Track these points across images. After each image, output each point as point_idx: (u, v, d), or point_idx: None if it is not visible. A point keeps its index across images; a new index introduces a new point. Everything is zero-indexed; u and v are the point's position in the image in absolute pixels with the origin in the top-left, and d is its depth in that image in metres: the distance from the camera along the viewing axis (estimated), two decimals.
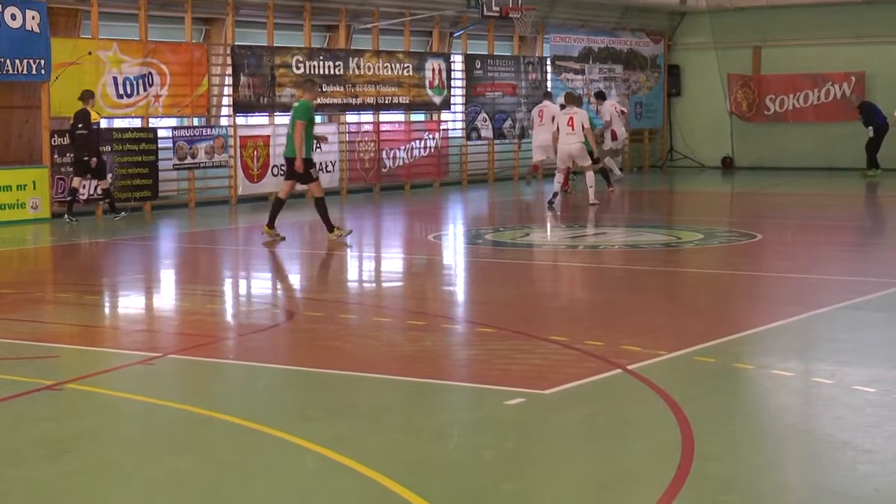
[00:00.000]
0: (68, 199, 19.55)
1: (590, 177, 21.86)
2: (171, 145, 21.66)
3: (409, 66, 25.90)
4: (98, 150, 19.57)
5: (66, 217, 19.33)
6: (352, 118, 25.54)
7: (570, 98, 22.04)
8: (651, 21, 32.95)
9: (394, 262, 16.05)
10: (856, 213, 21.97)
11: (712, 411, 7.58)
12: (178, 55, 21.68)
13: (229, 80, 22.74)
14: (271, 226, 16.55)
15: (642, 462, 6.62)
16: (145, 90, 21.06)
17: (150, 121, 21.55)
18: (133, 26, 21.52)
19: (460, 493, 6.13)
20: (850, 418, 7.38)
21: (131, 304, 12.64)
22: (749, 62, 32.55)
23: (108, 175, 20.15)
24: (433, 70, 26.50)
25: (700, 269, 14.53)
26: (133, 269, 15.09)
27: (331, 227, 16.47)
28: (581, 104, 22.47)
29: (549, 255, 16.11)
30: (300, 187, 17.29)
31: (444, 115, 27.29)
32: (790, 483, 6.40)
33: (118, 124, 21.25)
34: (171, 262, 16.40)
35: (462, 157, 27.88)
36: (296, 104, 16.64)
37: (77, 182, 19.59)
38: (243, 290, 13.75)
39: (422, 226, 20.39)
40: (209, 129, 22.34)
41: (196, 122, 22.48)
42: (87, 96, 19.43)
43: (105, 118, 20.82)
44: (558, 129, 21.52)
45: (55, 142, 19.82)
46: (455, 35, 27.59)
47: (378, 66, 25.18)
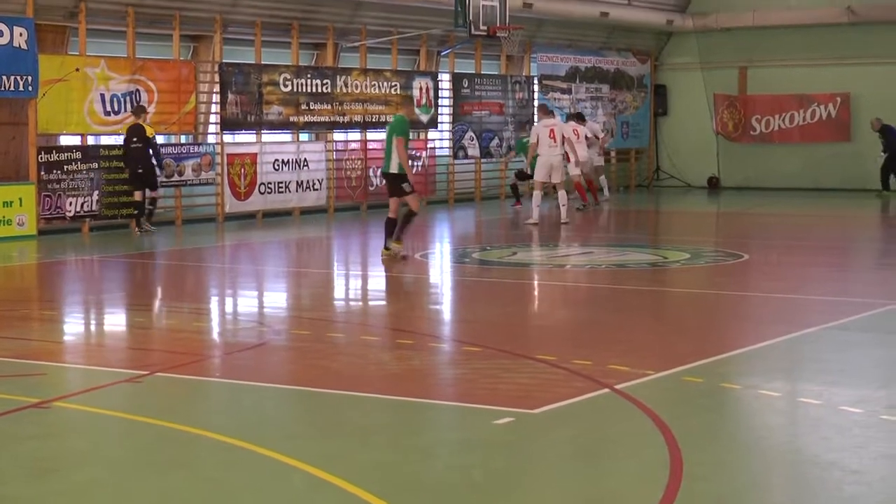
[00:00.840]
0: (135, 213, 20.54)
1: (562, 195, 21.96)
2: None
3: (396, 85, 25.93)
4: (151, 163, 20.44)
5: (139, 229, 20.40)
6: (339, 136, 25.54)
7: (544, 109, 22.79)
8: (638, 41, 33.07)
9: (381, 280, 16.04)
10: (842, 233, 22.03)
11: (700, 431, 7.59)
12: (166, 72, 21.68)
13: (217, 98, 22.74)
14: (398, 240, 16.51)
15: (630, 482, 6.62)
16: (133, 107, 21.03)
17: None
18: (121, 43, 21.52)
19: None
20: (837, 439, 7.40)
21: (118, 321, 12.61)
22: (735, 83, 32.68)
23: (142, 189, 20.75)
24: (420, 88, 26.54)
25: (687, 288, 14.55)
26: (120, 287, 15.06)
27: (389, 243, 16.40)
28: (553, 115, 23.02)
29: (537, 274, 16.12)
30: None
31: (432, 134, 27.32)
32: (777, 503, 6.41)
33: (105, 141, 21.21)
34: (158, 279, 16.36)
35: (449, 175, 27.91)
36: (392, 119, 16.53)
37: (139, 195, 20.49)
38: (230, 307, 13.73)
39: (409, 244, 20.37)
40: (196, 147, 22.33)
41: (183, 139, 22.46)
42: (139, 111, 20.46)
43: (92, 135, 20.81)
44: (538, 141, 21.68)
45: (42, 158, 19.79)
46: (442, 54, 27.64)
47: (365, 85, 25.21)
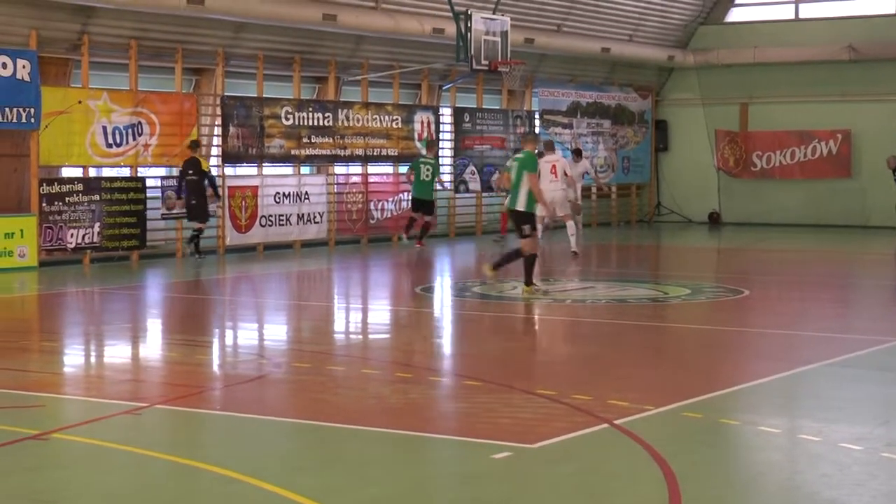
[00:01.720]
0: (195, 235, 21.37)
1: (570, 226, 22.28)
2: (160, 195, 21.68)
3: (397, 119, 26.02)
4: (204, 196, 21.27)
5: (195, 255, 21.26)
6: (340, 169, 25.61)
7: (550, 146, 22.83)
8: (639, 77, 33.20)
9: (381, 314, 16.04)
10: (843, 270, 22.04)
11: (699, 467, 7.58)
12: (168, 105, 21.75)
13: (218, 131, 22.81)
14: (495, 268, 16.57)
15: None
16: (134, 139, 21.11)
17: (139, 170, 21.57)
18: (123, 76, 21.60)
19: None
20: (837, 476, 7.38)
21: (118, 353, 12.60)
22: (736, 118, 32.78)
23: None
24: (422, 122, 26.62)
25: (687, 324, 14.54)
26: (120, 319, 15.06)
27: (529, 282, 16.23)
28: (555, 150, 23.23)
29: (537, 308, 16.11)
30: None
31: None
32: None
33: (107, 173, 21.25)
34: (158, 311, 16.37)
35: (450, 209, 27.95)
36: (520, 156, 16.28)
37: (199, 225, 21.40)
38: (230, 340, 13.72)
39: (409, 278, 20.40)
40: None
41: None
42: (195, 146, 21.39)
43: (94, 167, 20.87)
44: (539, 177, 21.68)
45: (44, 190, 19.83)
46: (444, 88, 27.74)
47: (367, 118, 25.29)
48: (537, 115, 30.13)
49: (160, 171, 22.28)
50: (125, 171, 21.44)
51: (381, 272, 21.44)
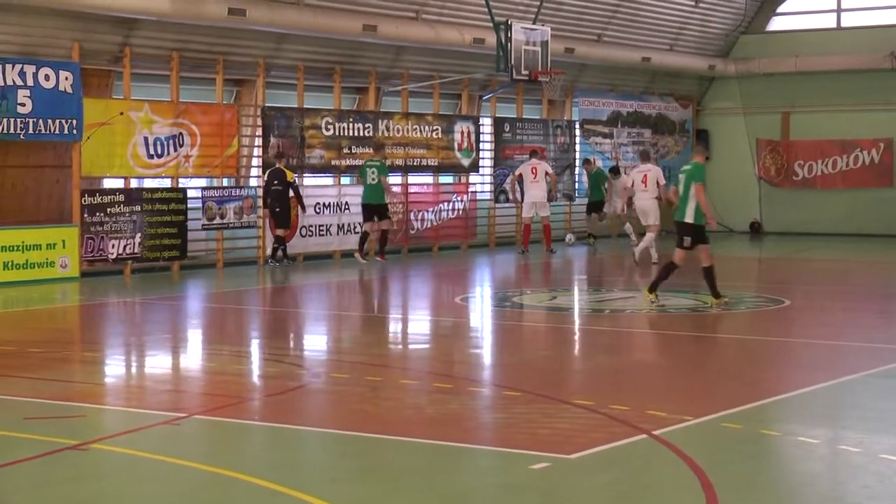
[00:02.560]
0: (276, 246, 22.23)
1: (649, 237, 22.83)
2: (201, 205, 21.79)
3: (437, 129, 26.04)
4: (288, 205, 22.12)
5: (274, 262, 22.08)
6: None
7: (645, 156, 23.74)
8: (680, 86, 33.08)
9: (421, 324, 16.04)
10: (885, 280, 21.85)
11: (738, 478, 7.53)
12: (209, 116, 21.87)
13: (259, 141, 22.90)
14: (653, 289, 16.06)
15: None
16: (175, 150, 21.23)
17: (180, 181, 21.69)
18: (165, 87, 21.74)
19: None
20: (878, 487, 7.32)
21: (157, 363, 12.66)
22: (778, 127, 32.59)
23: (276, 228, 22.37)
24: (462, 132, 26.64)
25: (727, 334, 14.46)
26: (160, 329, 15.13)
27: (717, 294, 15.95)
28: (650, 160, 23.97)
29: (576, 318, 16.07)
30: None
31: (473, 178, 27.38)
32: None
33: (148, 184, 21.38)
34: (198, 321, 16.44)
35: (490, 219, 27.94)
36: (688, 167, 15.93)
37: (282, 232, 22.25)
38: (270, 350, 13.75)
39: (449, 288, 20.40)
40: (238, 190, 22.47)
41: (225, 182, 22.62)
42: (280, 157, 22.31)
43: (135, 178, 21.01)
44: (633, 186, 22.74)
45: (85, 201, 19.97)
46: (484, 98, 27.74)
47: (407, 128, 25.33)
48: (577, 125, 30.09)
49: (201, 182, 22.40)
50: (166, 182, 21.56)
51: (421, 282, 21.44)
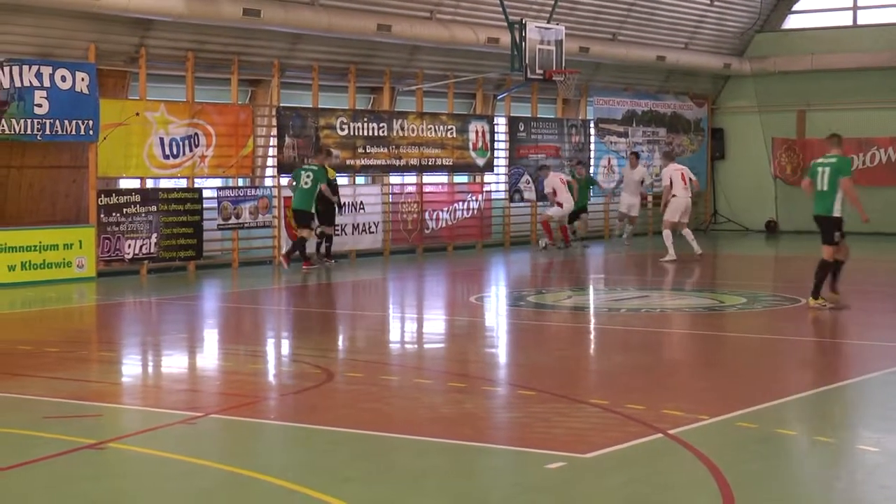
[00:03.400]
0: (326, 245, 22.53)
1: (688, 232, 23.71)
2: (216, 205, 21.84)
3: (452, 128, 26.05)
4: (331, 202, 22.23)
5: (330, 261, 22.39)
6: (395, 179, 25.68)
7: (671, 156, 24.81)
8: (695, 85, 33.03)
9: (435, 323, 16.05)
10: None
11: (754, 478, 7.51)
12: (224, 116, 21.92)
13: (274, 141, 22.95)
14: (835, 290, 15.76)
15: None
16: (191, 150, 21.28)
17: (196, 181, 21.74)
18: (180, 87, 21.79)
19: None
20: (895, 487, 7.30)
21: (174, 363, 12.70)
22: (793, 126, 32.52)
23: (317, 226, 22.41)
24: (476, 132, 26.64)
25: (743, 333, 14.43)
26: (176, 329, 15.17)
27: (816, 294, 15.61)
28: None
29: (591, 318, 16.07)
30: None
31: (488, 177, 27.38)
32: None
33: (164, 184, 21.44)
34: (214, 321, 16.48)
35: (505, 218, 27.94)
36: (831, 160, 15.57)
37: (329, 229, 22.48)
38: (285, 350, 13.78)
39: (464, 287, 20.41)
40: (254, 190, 22.51)
41: (241, 182, 22.66)
42: (329, 153, 22.69)
43: (151, 178, 21.06)
44: (672, 185, 23.24)
45: (101, 201, 20.04)
46: (499, 97, 27.73)
47: (422, 128, 25.34)
48: (592, 124, 30.06)
49: (216, 182, 22.45)
50: (182, 183, 21.61)
51: (436, 282, 21.45)
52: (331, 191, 22.04)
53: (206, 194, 21.78)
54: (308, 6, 22.18)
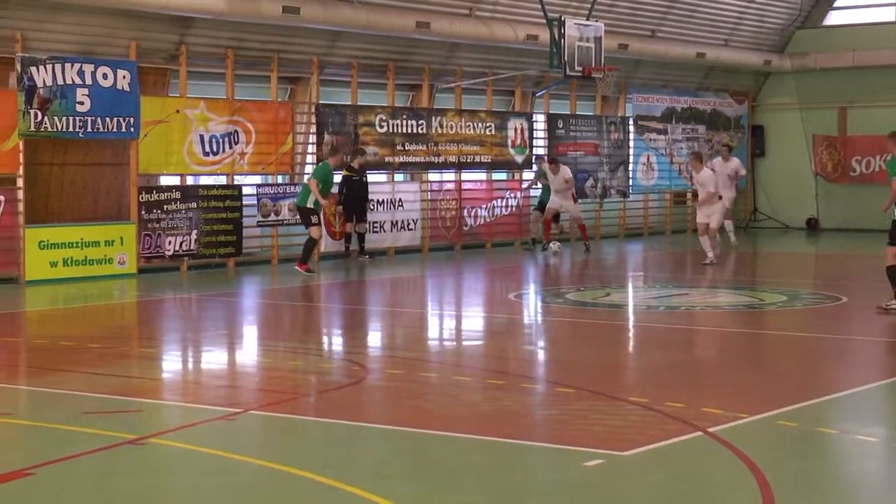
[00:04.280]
0: (358, 243, 22.90)
1: (729, 224, 24.56)
2: (256, 202, 21.93)
3: (491, 125, 26.04)
4: (360, 197, 22.78)
5: (367, 257, 22.69)
6: (434, 177, 25.69)
7: (729, 150, 25.57)
8: (735, 81, 32.86)
9: (474, 320, 16.05)
10: None
11: (794, 476, 7.48)
12: (264, 113, 21.99)
13: (313, 139, 23.01)
14: None
15: None
16: (231, 148, 21.37)
17: (235, 178, 21.84)
18: (220, 85, 21.89)
19: None
20: None
21: (213, 359, 12.76)
22: (834, 123, 32.29)
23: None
24: (515, 129, 26.62)
25: (783, 331, 14.35)
26: (216, 325, 15.25)
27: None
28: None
29: (630, 315, 16.02)
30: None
31: (526, 174, 27.34)
32: None
33: (204, 181, 21.55)
34: (254, 318, 16.55)
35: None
36: (889, 158, 15.03)
37: (349, 226, 22.89)
38: (324, 346, 13.82)
39: (502, 284, 20.40)
40: (293, 187, 22.57)
41: (280, 179, 22.74)
42: (362, 153, 22.81)
43: (191, 175, 21.17)
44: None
45: (142, 198, 20.16)
46: (537, 94, 27.70)
47: (460, 125, 25.35)
48: (631, 121, 29.98)
49: (256, 179, 22.54)
50: (222, 180, 21.72)
51: (475, 279, 21.45)
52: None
53: (245, 191, 21.86)
54: (347, 3, 22.22)
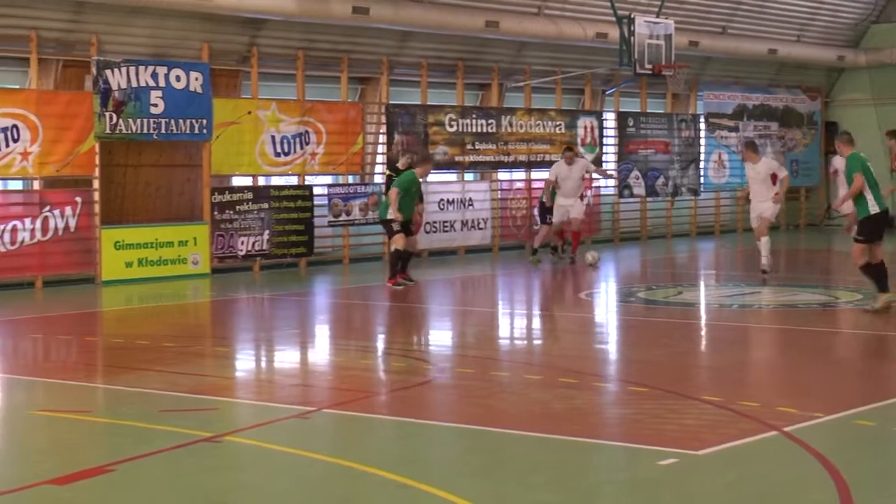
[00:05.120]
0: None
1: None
2: (327, 202, 22.05)
3: (560, 124, 25.98)
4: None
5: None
6: (504, 175, 25.68)
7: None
8: (808, 77, 32.52)
9: (545, 319, 16.03)
10: None
11: (872, 477, 7.39)
12: (334, 114, 22.11)
13: (383, 139, 23.09)
14: None
15: None
16: (302, 148, 21.52)
17: (306, 178, 21.98)
18: (291, 86, 22.04)
19: None
20: None
21: (287, 358, 12.85)
22: None
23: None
24: (585, 127, 26.54)
25: (859, 329, 14.18)
26: (289, 324, 15.35)
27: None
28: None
29: (703, 314, 15.92)
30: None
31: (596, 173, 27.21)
32: None
33: (275, 182, 21.71)
34: (326, 317, 16.64)
35: (614, 214, 27.79)
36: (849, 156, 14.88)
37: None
38: (396, 345, 13.87)
39: (573, 283, 20.34)
40: (363, 187, 22.68)
41: (350, 179, 22.86)
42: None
43: (263, 176, 21.34)
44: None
45: (215, 199, 20.35)
46: (607, 92, 27.60)
47: (530, 124, 25.32)
48: (702, 119, 29.77)
49: (326, 180, 22.66)
50: (293, 180, 21.86)
51: (546, 278, 21.40)
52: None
53: (316, 191, 21.99)
54: (417, 3, 22.28)
